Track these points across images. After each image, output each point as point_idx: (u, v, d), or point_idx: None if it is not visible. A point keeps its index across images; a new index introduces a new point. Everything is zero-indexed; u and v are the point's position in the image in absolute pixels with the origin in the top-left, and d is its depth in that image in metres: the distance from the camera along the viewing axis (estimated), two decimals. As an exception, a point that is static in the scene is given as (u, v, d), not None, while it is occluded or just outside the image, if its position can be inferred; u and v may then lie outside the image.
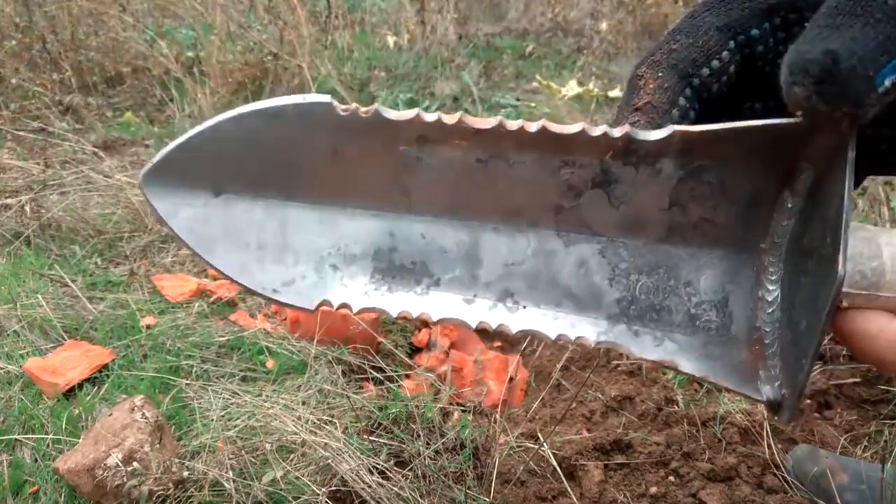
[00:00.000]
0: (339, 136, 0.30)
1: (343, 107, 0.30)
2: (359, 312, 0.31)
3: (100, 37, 2.92)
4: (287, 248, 0.31)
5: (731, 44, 0.30)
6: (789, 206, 0.30)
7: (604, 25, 3.83)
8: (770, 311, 0.31)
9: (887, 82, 0.24)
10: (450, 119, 0.30)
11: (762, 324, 0.31)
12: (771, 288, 0.31)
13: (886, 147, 0.31)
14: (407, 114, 0.30)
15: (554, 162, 0.31)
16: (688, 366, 0.31)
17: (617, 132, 0.30)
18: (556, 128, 0.30)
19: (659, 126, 0.30)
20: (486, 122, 0.30)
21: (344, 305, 0.31)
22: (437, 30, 3.59)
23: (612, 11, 3.93)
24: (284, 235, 0.31)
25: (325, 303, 0.31)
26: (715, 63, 0.30)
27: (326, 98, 0.30)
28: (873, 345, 0.28)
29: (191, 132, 0.31)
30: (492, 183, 0.31)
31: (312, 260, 0.31)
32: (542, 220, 0.32)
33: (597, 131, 0.30)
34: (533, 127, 0.30)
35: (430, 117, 0.30)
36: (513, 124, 0.30)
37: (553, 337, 0.31)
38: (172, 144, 0.31)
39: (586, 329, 0.31)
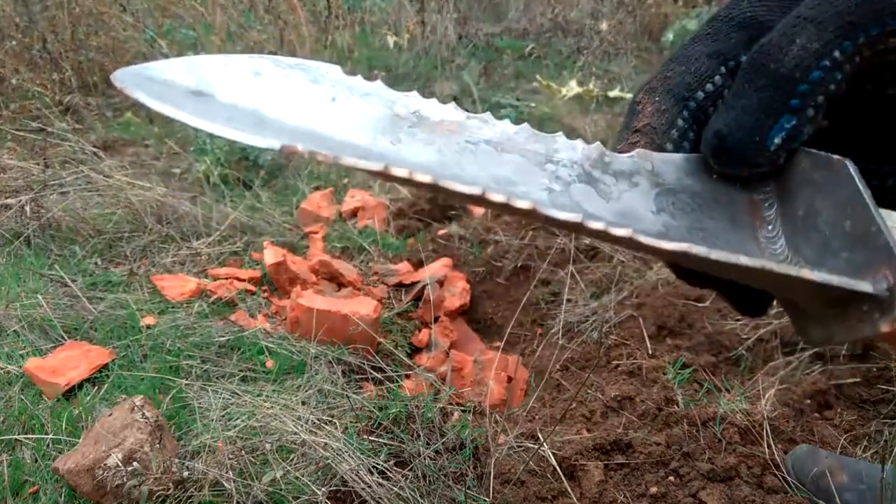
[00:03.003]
0: (340, 89, 0.30)
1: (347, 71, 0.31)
2: (334, 159, 0.26)
3: (100, 37, 2.92)
4: (266, 128, 0.29)
5: (723, 69, 0.32)
6: (769, 234, 0.32)
7: (604, 25, 3.83)
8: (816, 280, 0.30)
9: (777, 140, 0.28)
10: (438, 113, 0.31)
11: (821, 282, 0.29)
12: (802, 270, 0.30)
13: (893, 182, 0.33)
14: (408, 94, 0.31)
15: (540, 158, 0.31)
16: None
17: (592, 148, 0.31)
18: (535, 135, 0.31)
19: (660, 146, 0.31)
20: (456, 116, 0.31)
21: (316, 153, 0.27)
22: (437, 30, 3.59)
23: (612, 11, 3.93)
24: (265, 124, 0.29)
25: (292, 148, 0.27)
26: (709, 86, 0.32)
27: (336, 66, 0.31)
28: None
29: (190, 57, 0.29)
30: (482, 159, 0.31)
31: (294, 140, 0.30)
32: (535, 194, 0.30)
33: (575, 143, 0.31)
34: (513, 129, 0.31)
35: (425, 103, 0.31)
36: (489, 126, 0.31)
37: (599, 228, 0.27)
38: (164, 60, 0.29)
39: (610, 224, 0.29)
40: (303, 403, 1.11)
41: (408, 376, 1.31)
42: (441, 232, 1.84)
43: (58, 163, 2.01)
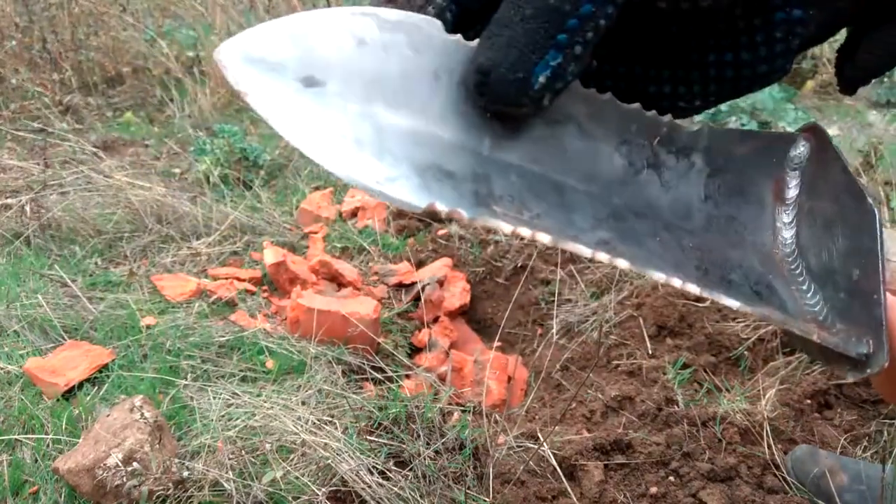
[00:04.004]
0: (443, 59, 0.28)
1: (448, 33, 0.29)
2: (470, 221, 0.28)
3: (100, 37, 2.92)
4: (385, 151, 0.28)
5: None
6: (785, 219, 0.35)
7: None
8: (811, 294, 0.34)
9: (541, 78, 0.26)
10: None
11: (811, 307, 0.34)
12: (801, 279, 0.35)
13: (654, 89, 0.33)
14: None
15: (616, 139, 0.32)
16: (783, 322, 0.33)
17: (667, 118, 0.32)
18: (618, 104, 0.31)
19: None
20: None
21: (454, 213, 0.27)
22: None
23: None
24: (381, 140, 0.28)
25: (433, 206, 0.27)
26: None
27: (437, 21, 0.28)
28: None
29: (291, 18, 0.27)
30: (566, 146, 0.31)
31: (414, 166, 0.28)
32: (611, 190, 0.32)
33: (651, 113, 0.32)
34: (606, 95, 0.31)
35: None
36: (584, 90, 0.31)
37: (664, 279, 0.30)
38: (267, 25, 0.26)
39: (690, 278, 0.31)
40: (303, 403, 1.11)
41: (408, 376, 1.31)
42: (441, 232, 1.84)
43: (58, 163, 2.01)
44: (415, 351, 1.44)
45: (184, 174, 2.19)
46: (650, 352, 1.30)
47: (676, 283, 0.30)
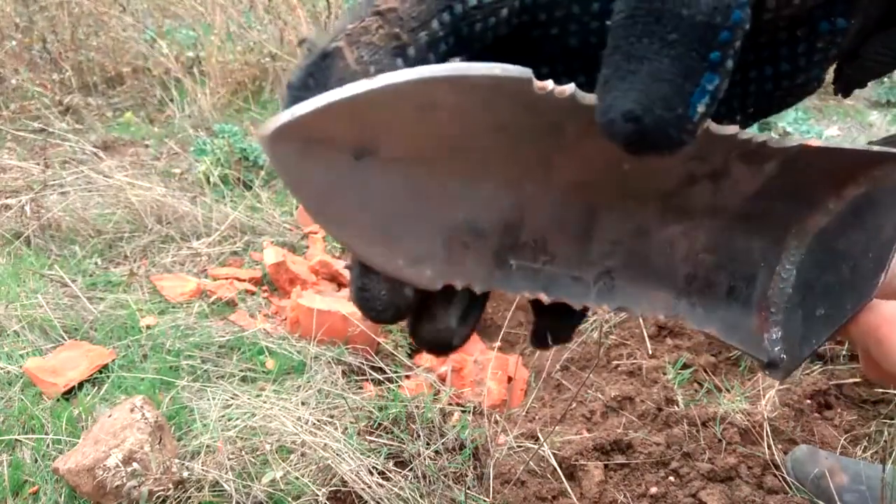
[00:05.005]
0: (517, 112, 0.26)
1: (539, 85, 0.25)
2: (480, 291, 0.29)
3: (100, 37, 2.92)
4: (420, 220, 0.27)
5: None
6: (830, 206, 0.35)
7: (604, 25, 3.83)
8: (782, 286, 0.36)
9: (700, 108, 0.22)
10: None
11: (773, 295, 0.36)
12: (788, 267, 0.36)
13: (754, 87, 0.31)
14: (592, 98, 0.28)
15: (691, 155, 0.30)
16: (722, 335, 0.35)
17: (760, 137, 0.30)
18: (713, 127, 0.28)
19: (401, 47, 0.25)
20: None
21: (467, 287, 0.29)
22: (437, 30, 3.59)
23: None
24: (419, 206, 0.27)
25: (449, 285, 0.28)
26: None
27: (527, 73, 0.24)
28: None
29: (354, 90, 0.23)
30: (625, 165, 0.30)
31: (444, 234, 0.28)
32: (650, 202, 0.32)
33: (744, 135, 0.29)
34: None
35: None
36: None
37: (639, 314, 0.33)
38: (328, 99, 0.23)
39: (661, 304, 0.34)
40: (303, 404, 1.11)
41: (408, 376, 1.31)
42: (441, 232, 1.84)
43: (58, 163, 2.01)
44: (415, 351, 1.44)
45: (184, 174, 2.19)
46: (650, 352, 1.30)
47: (650, 313, 0.34)
